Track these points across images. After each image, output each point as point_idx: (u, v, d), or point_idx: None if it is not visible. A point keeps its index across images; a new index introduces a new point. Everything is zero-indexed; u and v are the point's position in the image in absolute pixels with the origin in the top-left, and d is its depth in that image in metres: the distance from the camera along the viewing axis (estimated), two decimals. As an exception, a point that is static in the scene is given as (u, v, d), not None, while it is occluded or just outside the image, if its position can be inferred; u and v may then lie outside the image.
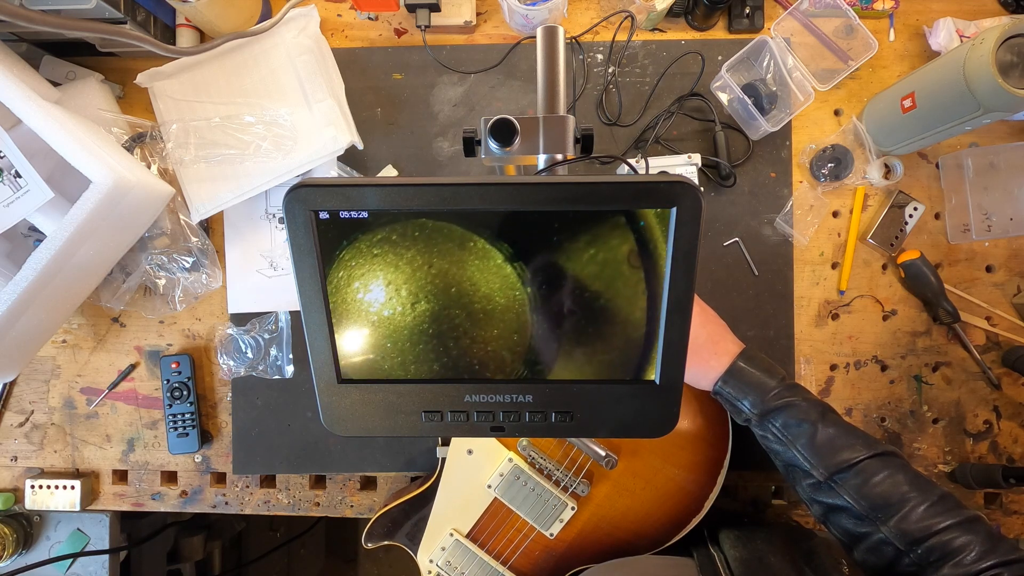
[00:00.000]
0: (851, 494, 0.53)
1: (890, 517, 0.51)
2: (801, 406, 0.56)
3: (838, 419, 0.57)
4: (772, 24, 0.75)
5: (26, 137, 0.62)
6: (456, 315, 0.38)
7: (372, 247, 0.36)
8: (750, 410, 0.58)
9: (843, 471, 0.54)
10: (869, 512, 0.52)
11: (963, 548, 0.48)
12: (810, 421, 0.56)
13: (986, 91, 0.58)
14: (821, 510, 0.57)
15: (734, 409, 0.59)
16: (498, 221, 0.35)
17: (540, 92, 0.48)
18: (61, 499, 0.80)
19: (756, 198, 0.78)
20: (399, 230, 0.35)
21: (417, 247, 0.36)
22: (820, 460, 0.55)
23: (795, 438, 0.56)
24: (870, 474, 0.53)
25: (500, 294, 0.37)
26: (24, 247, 0.75)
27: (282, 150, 0.73)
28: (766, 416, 0.57)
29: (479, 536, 0.71)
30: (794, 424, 0.56)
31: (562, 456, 0.69)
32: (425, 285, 0.37)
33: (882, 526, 0.51)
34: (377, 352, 0.39)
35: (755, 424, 0.59)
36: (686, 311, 0.36)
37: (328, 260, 0.36)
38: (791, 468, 0.58)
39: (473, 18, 0.77)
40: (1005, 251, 0.78)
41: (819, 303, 0.79)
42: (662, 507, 0.69)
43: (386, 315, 0.38)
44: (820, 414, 0.56)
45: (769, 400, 0.57)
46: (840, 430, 0.56)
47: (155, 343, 0.82)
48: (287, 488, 0.83)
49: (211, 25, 0.73)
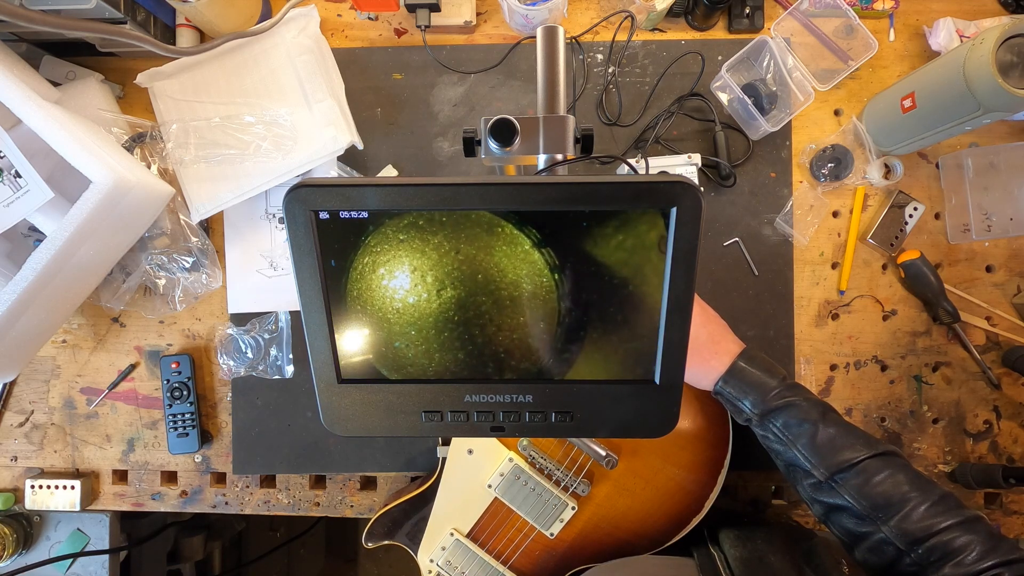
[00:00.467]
0: (852, 494, 0.53)
1: (891, 517, 0.51)
2: (802, 406, 0.57)
3: (839, 419, 0.57)
4: (772, 24, 0.75)
5: (26, 137, 0.62)
6: (456, 316, 0.38)
7: (373, 247, 0.36)
8: (751, 410, 0.58)
9: (844, 471, 0.54)
10: (870, 512, 0.52)
11: (964, 548, 0.48)
12: (811, 421, 0.56)
13: (986, 91, 0.58)
14: (822, 510, 0.57)
15: (735, 409, 0.59)
16: (498, 221, 0.35)
17: (540, 92, 0.48)
18: (61, 499, 0.80)
19: (756, 198, 0.78)
20: (400, 230, 0.35)
21: (418, 247, 0.36)
22: (821, 460, 0.55)
23: (796, 438, 0.56)
24: (871, 474, 0.53)
25: (500, 294, 0.37)
26: (24, 247, 0.75)
27: (282, 150, 0.73)
28: (767, 416, 0.57)
29: (479, 536, 0.71)
30: (795, 424, 0.56)
31: (562, 456, 0.69)
32: (425, 285, 0.37)
33: (883, 526, 0.51)
34: (377, 352, 0.39)
35: (756, 424, 0.59)
36: (686, 311, 0.36)
37: (328, 260, 0.36)
38: (792, 468, 0.58)
39: (473, 18, 0.77)
40: (1005, 251, 0.78)
41: (819, 303, 0.79)
42: (662, 507, 0.69)
43: (386, 315, 0.38)
44: (821, 414, 0.56)
45: (770, 400, 0.57)
46: (841, 430, 0.56)
47: (155, 343, 0.82)
48: (287, 488, 0.83)
49: (211, 25, 0.73)
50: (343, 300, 0.37)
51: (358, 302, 0.37)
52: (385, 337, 0.38)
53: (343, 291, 0.37)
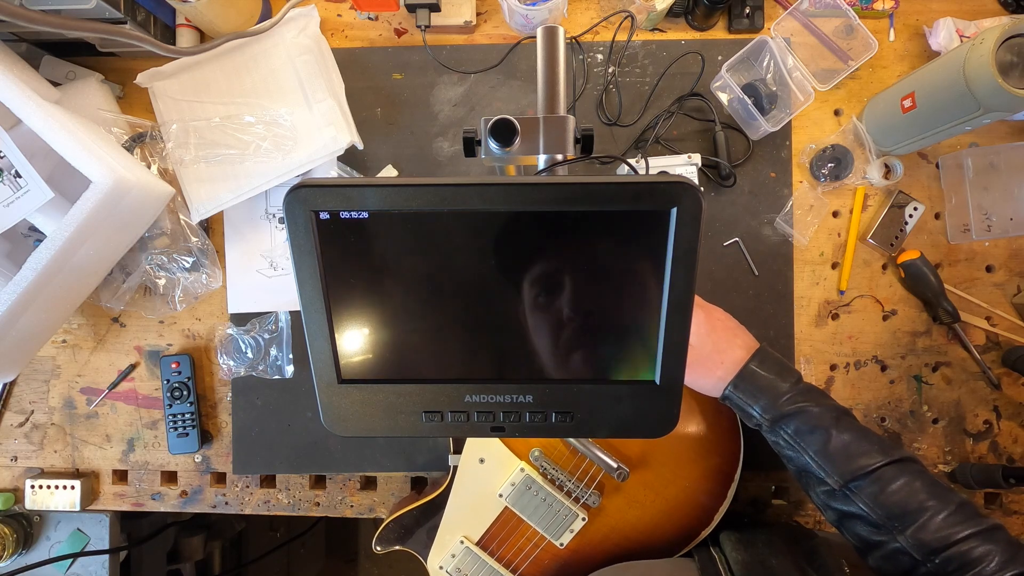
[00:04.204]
0: (867, 502, 0.52)
1: (907, 527, 0.50)
2: (814, 412, 0.55)
3: (854, 424, 0.56)
4: (772, 24, 0.75)
5: (26, 137, 0.62)
6: (456, 315, 0.38)
7: (373, 247, 0.36)
8: (761, 415, 0.56)
9: (859, 479, 0.52)
10: (885, 521, 0.51)
11: (983, 558, 0.47)
12: (823, 427, 0.54)
13: (986, 91, 0.58)
14: (835, 516, 0.56)
15: (744, 414, 0.58)
16: (498, 221, 0.35)
17: (540, 92, 0.48)
18: (61, 499, 0.80)
19: (756, 198, 0.78)
20: (399, 230, 0.35)
21: (417, 247, 0.36)
22: (834, 468, 0.53)
23: (808, 445, 0.54)
24: (887, 482, 0.52)
25: (500, 295, 0.37)
26: (24, 247, 0.75)
27: (282, 150, 0.73)
28: (777, 422, 0.56)
29: (489, 544, 0.71)
30: (806, 431, 0.54)
31: (574, 467, 0.69)
32: (426, 285, 0.37)
33: (899, 535, 0.50)
34: (377, 352, 0.39)
35: (767, 430, 0.57)
36: (686, 311, 0.36)
37: (328, 260, 0.36)
38: (805, 474, 0.56)
39: (473, 18, 0.77)
40: (1005, 251, 0.78)
41: (819, 303, 0.79)
42: (672, 519, 0.69)
43: (386, 315, 0.38)
44: (835, 419, 0.55)
45: (781, 405, 0.55)
46: (855, 436, 0.54)
47: (155, 343, 0.82)
48: (287, 488, 0.83)
49: (211, 25, 0.73)
50: (343, 300, 0.37)
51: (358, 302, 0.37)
52: (385, 337, 0.38)
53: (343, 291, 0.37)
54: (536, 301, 0.37)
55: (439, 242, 0.35)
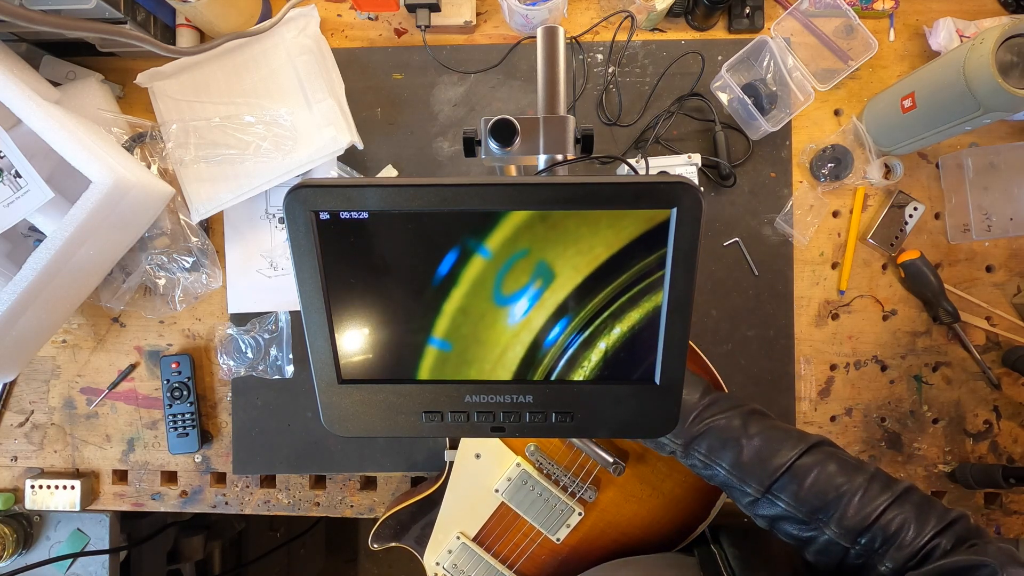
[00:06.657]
0: (789, 502, 0.52)
1: (831, 516, 0.50)
2: (721, 424, 0.54)
3: (762, 421, 0.55)
4: (772, 24, 0.75)
5: (26, 137, 0.62)
6: (456, 316, 0.38)
7: (373, 247, 0.36)
8: (672, 441, 0.55)
9: (776, 480, 0.52)
10: (810, 516, 0.51)
11: (900, 528, 0.48)
12: (734, 439, 0.53)
13: (986, 91, 0.58)
14: (766, 522, 0.55)
15: (656, 445, 0.57)
16: (498, 222, 0.35)
17: (540, 92, 0.48)
18: (61, 499, 0.80)
19: (756, 198, 0.78)
20: (399, 230, 0.35)
21: (418, 247, 0.36)
22: (752, 477, 0.53)
23: (722, 461, 0.54)
24: (802, 476, 0.51)
25: (500, 294, 0.37)
26: (24, 247, 0.75)
27: (282, 150, 0.73)
28: (689, 446, 0.55)
29: (486, 539, 0.71)
30: (718, 447, 0.54)
31: (570, 462, 0.69)
32: (426, 286, 0.37)
33: (826, 528, 0.50)
34: (377, 352, 0.39)
35: (681, 456, 0.56)
36: (686, 311, 0.36)
37: (328, 260, 0.36)
38: (727, 488, 0.56)
39: (473, 18, 0.77)
40: (1005, 251, 0.78)
41: (819, 303, 0.79)
42: (669, 513, 0.69)
43: (386, 315, 0.38)
44: (743, 425, 0.54)
45: (689, 427, 0.54)
46: (764, 437, 0.53)
47: (155, 343, 0.82)
48: (287, 488, 0.83)
49: (211, 25, 0.73)
50: (343, 300, 0.37)
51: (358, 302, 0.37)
52: (385, 337, 0.38)
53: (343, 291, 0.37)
54: (535, 301, 0.37)
55: (439, 242, 0.35)
